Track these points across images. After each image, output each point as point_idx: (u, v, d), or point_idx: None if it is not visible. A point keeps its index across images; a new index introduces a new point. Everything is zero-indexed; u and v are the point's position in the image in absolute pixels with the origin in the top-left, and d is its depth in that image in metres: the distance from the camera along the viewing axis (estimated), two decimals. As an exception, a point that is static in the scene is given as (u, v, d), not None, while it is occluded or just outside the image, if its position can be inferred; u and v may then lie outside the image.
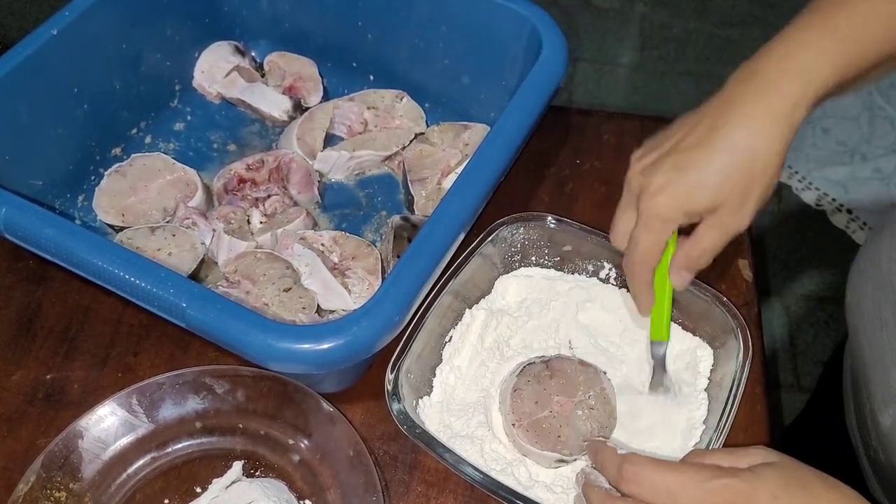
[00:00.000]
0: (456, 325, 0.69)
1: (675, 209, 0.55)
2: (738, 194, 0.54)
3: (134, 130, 0.86)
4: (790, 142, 0.54)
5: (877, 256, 0.64)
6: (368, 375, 0.69)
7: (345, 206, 0.82)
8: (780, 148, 0.54)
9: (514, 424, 0.62)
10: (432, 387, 0.66)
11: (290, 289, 0.71)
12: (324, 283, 0.71)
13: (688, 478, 0.46)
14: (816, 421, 0.95)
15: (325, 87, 0.90)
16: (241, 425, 0.66)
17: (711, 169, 0.54)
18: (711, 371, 0.66)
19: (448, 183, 0.79)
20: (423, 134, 0.85)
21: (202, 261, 0.74)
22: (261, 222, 0.78)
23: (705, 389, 0.65)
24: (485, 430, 0.64)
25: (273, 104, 0.87)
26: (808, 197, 1.94)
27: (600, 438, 0.59)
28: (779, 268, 1.84)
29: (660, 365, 0.65)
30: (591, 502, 0.52)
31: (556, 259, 0.73)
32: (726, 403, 0.60)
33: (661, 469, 0.47)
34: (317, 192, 0.81)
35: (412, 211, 0.79)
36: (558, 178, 0.84)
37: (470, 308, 0.70)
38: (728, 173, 0.54)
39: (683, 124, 0.57)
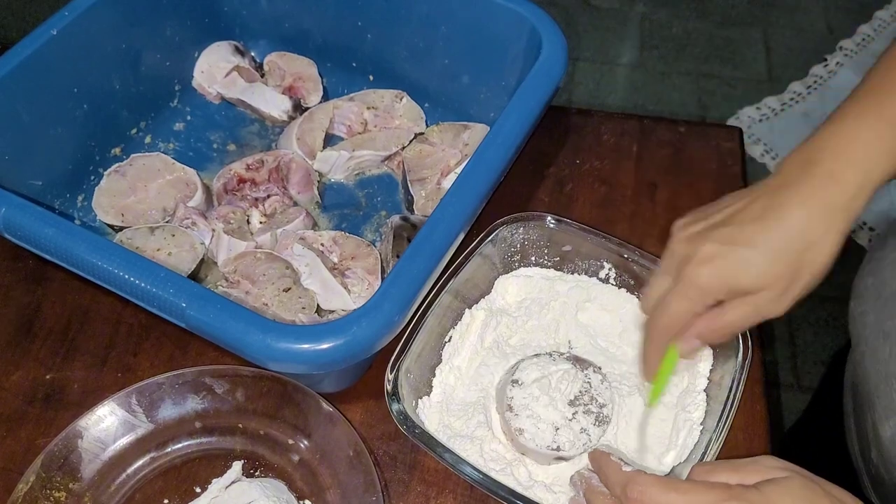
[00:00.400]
0: (456, 325, 0.69)
1: (718, 283, 0.53)
2: (785, 280, 0.52)
3: (133, 130, 0.86)
4: (845, 235, 0.52)
5: (881, 268, 0.64)
6: (368, 375, 0.69)
7: (344, 206, 0.82)
8: (835, 239, 0.52)
9: (511, 422, 0.62)
10: (432, 387, 0.66)
11: (289, 289, 0.71)
12: (323, 283, 0.71)
13: (693, 499, 0.46)
14: (815, 429, 0.95)
15: (324, 87, 0.90)
16: (240, 425, 0.66)
17: (764, 248, 0.52)
18: (711, 371, 0.66)
19: (448, 183, 0.79)
20: (422, 134, 0.85)
21: (202, 261, 0.74)
22: (260, 222, 0.78)
23: (704, 390, 0.65)
24: (484, 430, 0.64)
25: (273, 104, 0.87)
26: (808, 197, 1.94)
27: (604, 448, 0.59)
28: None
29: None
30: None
31: (555, 259, 0.73)
32: (726, 403, 0.60)
33: (666, 490, 0.47)
34: (316, 192, 0.81)
35: (412, 211, 0.79)
36: (558, 178, 0.84)
37: (469, 308, 0.70)
38: (779, 257, 0.52)
39: (737, 198, 0.55)
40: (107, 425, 0.63)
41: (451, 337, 0.68)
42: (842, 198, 0.51)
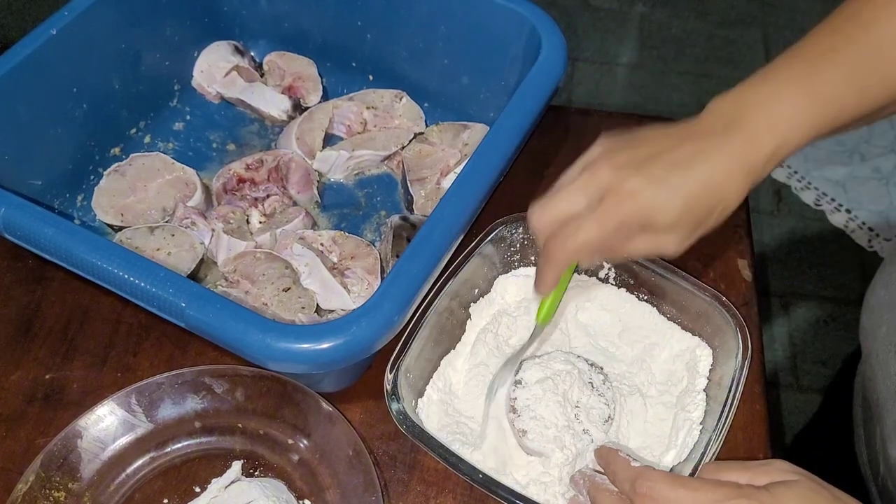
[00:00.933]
0: (455, 324, 0.69)
1: (637, 218, 0.54)
2: (691, 226, 0.54)
3: (133, 130, 0.86)
4: (746, 191, 0.55)
5: (893, 281, 0.64)
6: (368, 375, 0.69)
7: (344, 206, 0.82)
8: (741, 197, 0.54)
9: (514, 424, 0.62)
10: (431, 386, 0.66)
11: (289, 288, 0.71)
12: (323, 282, 0.71)
13: (703, 496, 0.46)
14: (823, 434, 0.95)
15: (324, 87, 0.90)
16: (240, 425, 0.66)
17: (685, 195, 0.53)
18: (710, 371, 0.66)
19: (447, 183, 0.79)
20: (422, 134, 0.85)
21: (201, 260, 0.74)
22: (260, 222, 0.78)
23: (704, 389, 0.65)
24: (484, 429, 0.63)
25: (272, 104, 0.87)
26: (807, 197, 1.94)
27: (611, 445, 0.59)
28: (778, 268, 1.84)
29: (524, 351, 0.64)
30: None
31: (555, 259, 0.73)
32: (725, 403, 0.60)
33: (676, 486, 0.47)
34: (316, 191, 0.81)
35: (411, 211, 0.79)
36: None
37: (469, 308, 0.70)
38: (695, 205, 0.53)
39: (661, 135, 0.56)
40: (106, 425, 0.63)
41: (450, 337, 0.68)
42: (758, 161, 0.54)
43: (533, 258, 0.73)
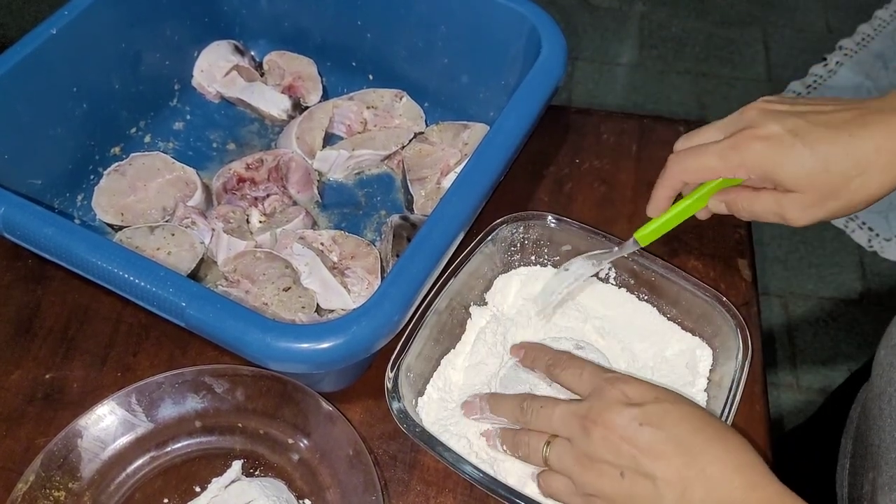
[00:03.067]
0: (456, 324, 0.69)
1: (761, 162, 0.53)
2: (821, 192, 0.52)
3: (133, 130, 0.85)
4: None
5: None
6: (368, 375, 0.69)
7: (344, 206, 0.82)
8: (887, 180, 0.52)
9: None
10: (432, 385, 0.66)
11: (289, 288, 0.71)
12: (323, 282, 0.71)
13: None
14: (812, 441, 0.94)
15: (324, 87, 0.90)
16: (240, 424, 0.66)
17: (821, 154, 0.51)
18: (711, 371, 0.66)
19: (447, 182, 0.79)
20: (422, 133, 0.85)
21: (201, 260, 0.74)
22: (260, 221, 0.78)
23: (705, 389, 0.65)
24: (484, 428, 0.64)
25: (272, 103, 0.87)
26: (808, 196, 1.94)
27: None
28: (778, 268, 1.84)
29: (614, 257, 0.65)
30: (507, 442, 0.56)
31: (555, 258, 0.73)
32: (726, 403, 0.60)
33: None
34: (316, 191, 0.81)
35: (411, 210, 0.79)
36: (557, 178, 0.84)
37: (469, 307, 0.70)
38: (829, 168, 0.51)
39: (834, 101, 0.54)
40: (106, 425, 0.63)
41: (451, 335, 0.68)
42: None
43: (533, 258, 0.73)
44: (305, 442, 0.64)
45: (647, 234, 0.63)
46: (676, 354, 0.68)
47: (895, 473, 0.57)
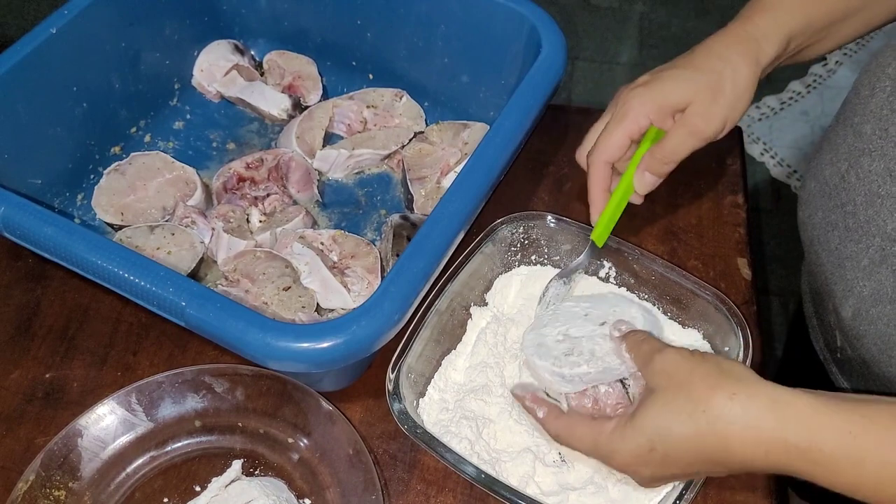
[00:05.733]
0: (456, 324, 0.69)
1: (648, 100, 0.64)
2: (709, 92, 0.63)
3: (133, 129, 0.85)
4: (757, 74, 0.64)
5: (820, 170, 0.68)
6: (368, 374, 0.69)
7: (344, 205, 0.82)
8: (749, 62, 0.64)
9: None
10: (433, 386, 0.66)
11: (289, 287, 0.70)
12: (323, 281, 0.71)
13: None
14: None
15: (324, 86, 0.90)
16: (240, 424, 0.66)
17: (688, 67, 0.64)
18: (711, 370, 0.66)
19: (447, 182, 0.79)
20: (422, 133, 0.85)
21: (201, 259, 0.74)
22: (260, 221, 0.78)
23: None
24: (485, 429, 0.64)
25: (272, 103, 0.86)
26: (807, 196, 1.94)
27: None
28: (777, 266, 1.84)
29: (579, 267, 0.69)
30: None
31: (555, 258, 0.73)
32: (726, 402, 0.60)
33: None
34: (316, 190, 0.81)
35: (411, 210, 0.79)
36: (557, 177, 0.84)
37: (470, 307, 0.70)
38: (701, 71, 0.64)
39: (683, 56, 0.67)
40: (106, 424, 0.63)
41: (451, 336, 0.68)
42: (754, 32, 0.64)
43: (533, 257, 0.73)
44: (305, 441, 0.64)
45: (599, 232, 0.67)
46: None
47: (843, 286, 0.64)
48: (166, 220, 0.77)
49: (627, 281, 0.71)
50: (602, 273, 0.72)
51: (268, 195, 0.79)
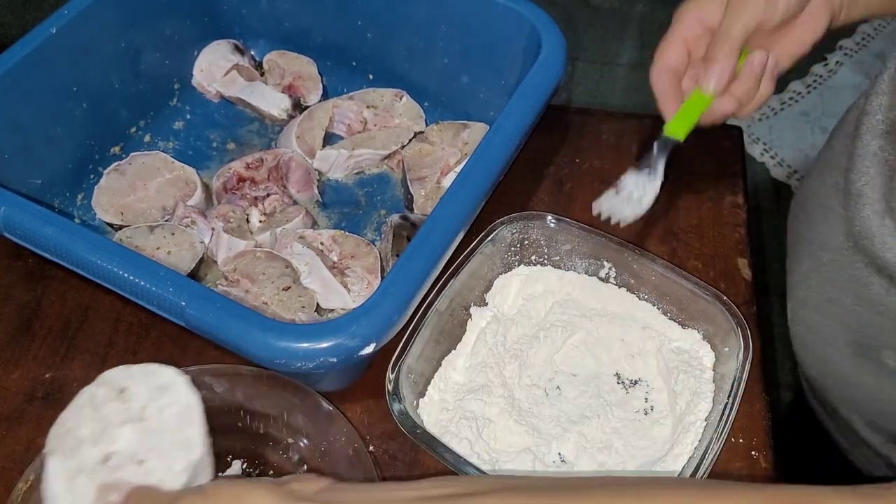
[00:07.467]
0: (456, 324, 0.69)
1: (697, 6, 0.64)
2: None
3: (133, 129, 0.86)
4: None
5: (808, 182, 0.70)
6: (368, 374, 0.69)
7: (344, 205, 0.82)
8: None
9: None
10: (433, 386, 0.66)
11: (289, 288, 0.70)
12: (323, 281, 0.71)
13: None
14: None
15: (324, 86, 0.90)
16: (240, 424, 0.66)
17: None
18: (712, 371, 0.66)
19: (447, 182, 0.79)
20: (422, 133, 0.85)
21: (201, 259, 0.74)
22: (260, 221, 0.78)
23: (712, 381, 0.65)
24: (486, 429, 0.64)
25: (272, 103, 0.87)
26: (807, 196, 1.94)
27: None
28: (778, 267, 1.84)
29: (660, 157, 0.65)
30: None
31: (555, 258, 0.73)
32: (726, 403, 0.60)
33: None
34: (316, 190, 0.81)
35: (411, 210, 0.79)
36: (557, 178, 0.84)
37: (470, 307, 0.70)
38: None
39: None
40: (106, 424, 0.63)
41: (451, 336, 0.68)
42: None
43: (533, 258, 0.73)
44: (305, 441, 0.64)
45: (674, 124, 0.64)
46: (677, 354, 0.68)
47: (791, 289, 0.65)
48: (166, 220, 0.77)
49: (627, 281, 0.71)
50: (602, 273, 0.72)
51: (268, 195, 0.79)
